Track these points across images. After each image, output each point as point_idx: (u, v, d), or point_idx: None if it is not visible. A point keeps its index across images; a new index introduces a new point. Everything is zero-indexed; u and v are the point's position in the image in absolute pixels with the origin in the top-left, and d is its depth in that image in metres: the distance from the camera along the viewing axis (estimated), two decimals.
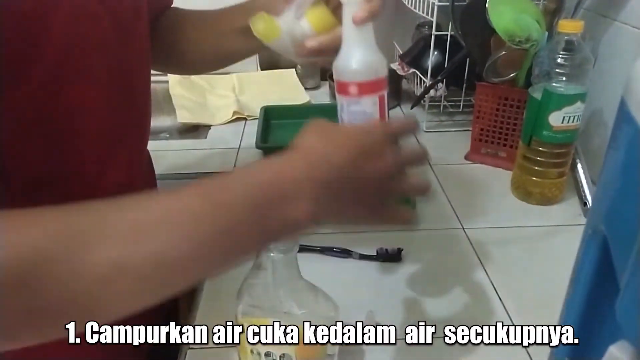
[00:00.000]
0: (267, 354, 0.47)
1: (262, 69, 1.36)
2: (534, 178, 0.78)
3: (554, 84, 0.71)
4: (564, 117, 0.72)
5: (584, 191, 0.79)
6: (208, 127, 1.09)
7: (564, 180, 0.78)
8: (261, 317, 0.45)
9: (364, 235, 0.71)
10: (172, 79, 1.22)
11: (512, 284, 0.63)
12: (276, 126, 1.06)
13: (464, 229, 0.74)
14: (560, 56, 0.70)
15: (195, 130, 1.09)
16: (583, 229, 0.28)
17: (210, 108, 1.16)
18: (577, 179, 0.80)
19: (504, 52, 0.80)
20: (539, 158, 0.76)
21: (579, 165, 0.81)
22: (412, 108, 1.09)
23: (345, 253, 0.68)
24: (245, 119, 1.12)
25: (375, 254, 0.68)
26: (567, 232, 0.73)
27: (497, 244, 0.71)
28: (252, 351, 0.47)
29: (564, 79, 0.70)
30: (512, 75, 0.83)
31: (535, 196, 0.79)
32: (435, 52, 1.00)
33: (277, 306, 0.45)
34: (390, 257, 0.67)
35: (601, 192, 0.24)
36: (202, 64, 0.74)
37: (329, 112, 1.10)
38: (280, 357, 0.46)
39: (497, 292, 0.62)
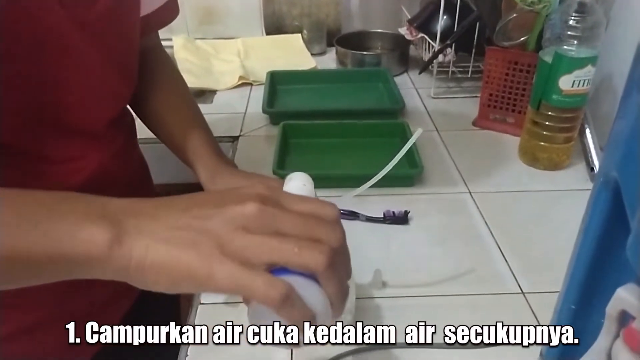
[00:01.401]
0: None
1: (267, 34, 1.34)
2: (542, 143, 0.77)
3: (565, 47, 0.70)
4: (574, 81, 0.71)
5: (591, 157, 0.78)
6: (214, 92, 1.09)
7: (571, 146, 0.78)
8: None
9: (370, 198, 0.71)
10: (177, 43, 1.21)
11: (518, 246, 0.64)
12: (283, 91, 1.06)
13: (470, 192, 0.74)
14: (573, 18, 0.69)
15: (201, 95, 1.08)
16: (595, 177, 0.28)
17: (215, 73, 1.16)
18: (585, 145, 0.80)
19: (515, 15, 0.79)
20: (547, 123, 0.76)
21: (588, 131, 0.80)
22: (420, 73, 1.08)
23: (352, 215, 0.69)
24: (250, 84, 1.11)
25: (382, 216, 0.68)
26: (573, 196, 0.73)
27: (504, 207, 0.71)
28: None
29: (576, 42, 0.69)
30: (523, 38, 0.81)
31: (542, 161, 0.79)
32: (445, 16, 0.98)
33: None
34: (397, 219, 0.68)
35: (615, 137, 0.24)
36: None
37: (336, 77, 1.11)
38: None
39: (503, 254, 0.63)
